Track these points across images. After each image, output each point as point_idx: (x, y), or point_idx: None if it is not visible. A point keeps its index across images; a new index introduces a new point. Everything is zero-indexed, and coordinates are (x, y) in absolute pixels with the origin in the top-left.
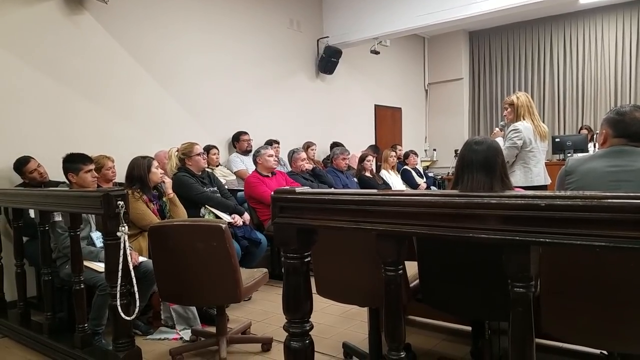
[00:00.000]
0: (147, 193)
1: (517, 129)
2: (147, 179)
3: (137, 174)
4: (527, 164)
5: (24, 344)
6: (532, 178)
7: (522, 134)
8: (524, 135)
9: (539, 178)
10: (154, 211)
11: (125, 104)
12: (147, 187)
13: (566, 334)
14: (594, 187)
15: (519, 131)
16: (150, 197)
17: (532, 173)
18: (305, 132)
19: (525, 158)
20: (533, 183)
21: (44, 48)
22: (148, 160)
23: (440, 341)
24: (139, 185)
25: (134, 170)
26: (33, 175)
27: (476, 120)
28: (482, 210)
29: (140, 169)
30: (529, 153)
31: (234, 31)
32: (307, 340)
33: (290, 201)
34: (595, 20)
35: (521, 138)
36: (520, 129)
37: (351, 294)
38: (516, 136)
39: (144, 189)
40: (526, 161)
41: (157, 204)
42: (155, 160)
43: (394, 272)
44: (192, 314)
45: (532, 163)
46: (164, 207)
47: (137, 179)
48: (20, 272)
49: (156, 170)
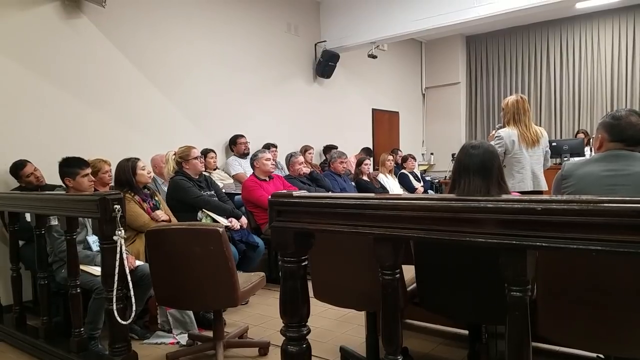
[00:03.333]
0: (138, 193)
1: (499, 136)
2: (134, 181)
3: (123, 178)
4: (510, 169)
5: (20, 349)
6: (514, 184)
7: (502, 140)
8: (505, 142)
9: (522, 184)
10: (147, 210)
11: (123, 108)
12: (137, 189)
13: (563, 338)
14: (590, 191)
15: (500, 138)
16: (142, 196)
17: (515, 179)
18: (303, 135)
19: (509, 164)
20: (515, 189)
21: (41, 52)
22: (132, 162)
23: (437, 345)
24: (128, 187)
25: (120, 174)
26: (29, 179)
27: (473, 124)
28: (478, 214)
29: (126, 173)
30: (512, 159)
31: (232, 35)
32: (304, 344)
33: (288, 205)
34: (592, 25)
35: (502, 145)
36: (501, 136)
37: (348, 298)
38: (497, 144)
39: (134, 190)
40: (510, 167)
41: (151, 202)
42: (140, 161)
43: (391, 276)
44: (189, 318)
45: (515, 169)
46: (158, 206)
47: (125, 183)
48: (16, 276)
49: (142, 171)
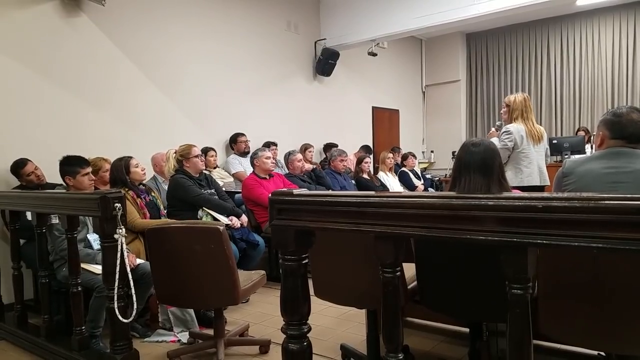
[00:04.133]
0: (132, 189)
1: (508, 131)
2: (128, 180)
3: (117, 177)
4: (518, 164)
5: (21, 347)
6: (523, 178)
7: (512, 135)
8: (514, 137)
9: (530, 178)
10: (141, 205)
11: (123, 107)
12: (131, 186)
13: (564, 336)
14: (591, 188)
15: (510, 133)
16: (137, 192)
17: (523, 173)
18: (303, 134)
19: (516, 159)
20: (523, 183)
21: (41, 50)
22: (125, 160)
23: (438, 343)
24: (123, 186)
25: (114, 174)
26: (30, 177)
27: (473, 122)
28: (479, 212)
29: (119, 172)
30: (520, 154)
31: (231, 33)
32: (305, 342)
33: (288, 203)
34: (592, 22)
35: (512, 140)
36: (511, 131)
37: (349, 296)
38: (507, 138)
39: (128, 187)
40: (517, 162)
41: (147, 198)
42: (133, 159)
43: (392, 274)
44: (189, 317)
45: (523, 164)
46: (155, 201)
47: (120, 182)
48: (17, 275)
49: (136, 168)
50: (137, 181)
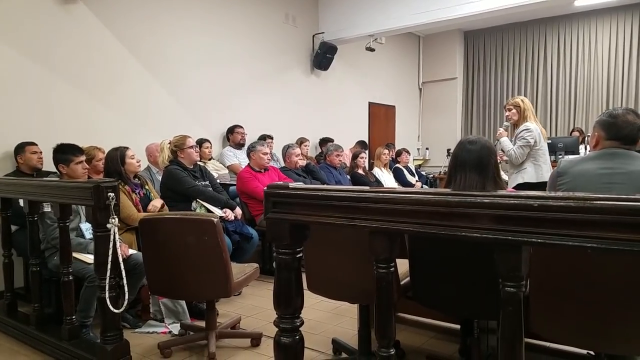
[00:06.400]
0: (128, 183)
1: (529, 129)
2: (123, 171)
3: (112, 168)
4: (537, 161)
5: (11, 335)
6: (543, 174)
7: (533, 132)
8: (535, 134)
9: (548, 174)
10: (136, 201)
11: (118, 96)
12: (126, 178)
13: (554, 334)
14: (585, 188)
15: (531, 130)
16: (132, 186)
17: (542, 170)
18: (299, 127)
19: (535, 156)
20: (543, 179)
21: (36, 37)
22: (121, 151)
23: (429, 339)
24: (118, 177)
25: (109, 164)
26: (32, 156)
27: (469, 120)
28: (474, 210)
29: (115, 163)
30: (538, 151)
31: (229, 25)
32: (297, 336)
33: (284, 196)
34: (589, 23)
35: (533, 137)
36: (531, 129)
37: (342, 291)
38: (529, 135)
39: (124, 180)
40: (536, 159)
41: (141, 192)
42: (129, 150)
43: (385, 269)
44: (181, 308)
45: (541, 160)
46: (149, 195)
47: (115, 173)
48: (7, 262)
49: (131, 159)
50: (131, 173)
